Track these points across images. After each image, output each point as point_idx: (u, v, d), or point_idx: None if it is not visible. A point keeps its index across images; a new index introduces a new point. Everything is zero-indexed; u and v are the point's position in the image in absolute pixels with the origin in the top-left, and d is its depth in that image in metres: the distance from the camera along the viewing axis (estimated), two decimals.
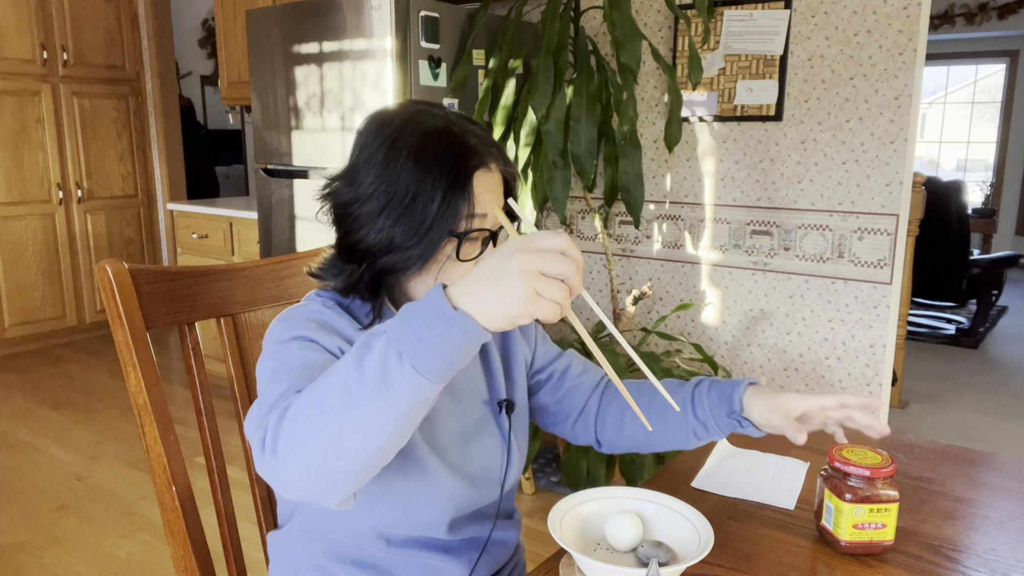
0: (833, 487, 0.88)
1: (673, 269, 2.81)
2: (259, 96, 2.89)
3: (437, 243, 0.81)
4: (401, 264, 0.83)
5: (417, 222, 0.80)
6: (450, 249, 0.83)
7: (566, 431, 1.08)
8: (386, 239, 0.82)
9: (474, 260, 0.85)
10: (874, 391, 2.44)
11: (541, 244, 0.63)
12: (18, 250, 4.18)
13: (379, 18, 2.40)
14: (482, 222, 0.83)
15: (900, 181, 2.31)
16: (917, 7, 2.20)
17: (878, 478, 0.86)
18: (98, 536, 2.37)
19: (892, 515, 0.87)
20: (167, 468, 0.94)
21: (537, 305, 0.62)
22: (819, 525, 0.92)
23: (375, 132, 0.85)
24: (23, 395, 3.63)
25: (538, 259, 0.62)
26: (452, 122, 0.84)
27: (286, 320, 0.83)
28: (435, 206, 0.80)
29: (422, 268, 0.83)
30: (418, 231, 0.81)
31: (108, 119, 4.50)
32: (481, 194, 0.83)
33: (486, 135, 0.87)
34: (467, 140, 0.83)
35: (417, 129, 0.83)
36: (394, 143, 0.82)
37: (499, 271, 0.62)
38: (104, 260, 0.93)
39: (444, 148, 0.81)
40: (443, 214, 0.80)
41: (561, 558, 0.88)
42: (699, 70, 2.29)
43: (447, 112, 0.86)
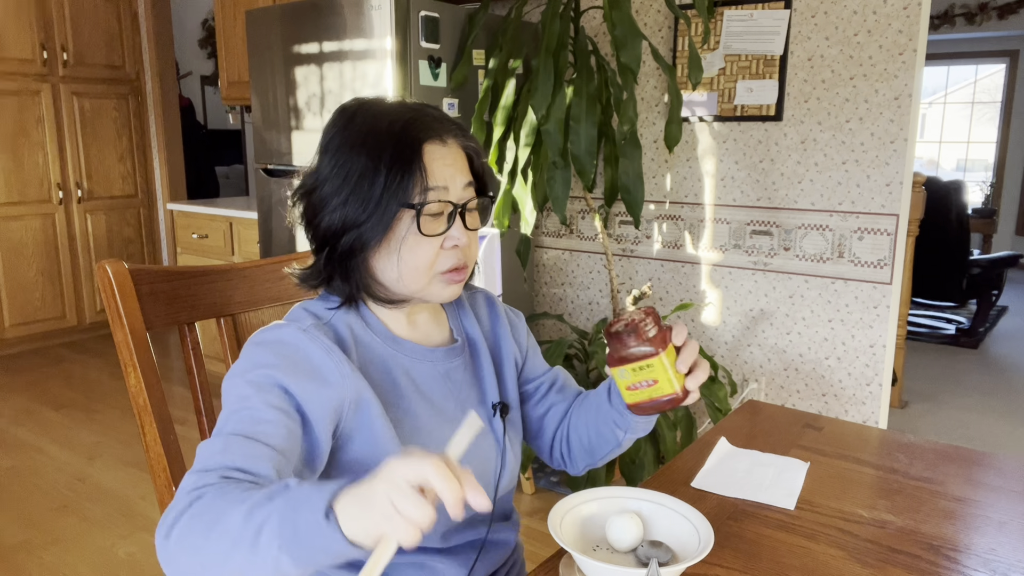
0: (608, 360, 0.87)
1: (673, 269, 2.81)
2: (259, 96, 2.89)
3: (390, 217, 0.81)
4: (358, 243, 0.83)
5: (366, 197, 0.81)
6: (409, 223, 0.83)
7: (543, 447, 1.06)
8: (340, 218, 0.83)
9: (440, 236, 0.84)
10: (874, 391, 2.44)
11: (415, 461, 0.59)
12: (18, 250, 4.18)
13: (379, 18, 2.40)
14: (443, 195, 0.83)
15: (900, 181, 2.31)
16: (917, 7, 2.20)
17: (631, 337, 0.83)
18: (98, 536, 2.38)
19: (658, 370, 0.83)
20: (167, 468, 0.95)
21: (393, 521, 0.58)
22: None
23: (333, 120, 0.86)
24: (23, 395, 3.63)
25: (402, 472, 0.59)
26: (408, 105, 0.86)
27: (261, 345, 0.82)
28: (382, 179, 0.81)
29: (380, 244, 0.83)
30: (367, 206, 0.81)
31: (108, 119, 4.50)
32: (437, 168, 0.82)
33: (444, 115, 0.87)
34: (418, 115, 0.84)
35: (370, 111, 0.85)
36: (346, 127, 0.84)
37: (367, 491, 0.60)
38: (104, 260, 0.93)
39: (390, 124, 0.82)
40: (392, 187, 0.80)
41: (561, 558, 0.88)
42: (699, 70, 2.29)
43: (407, 101, 0.88)
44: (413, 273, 0.85)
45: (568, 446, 1.03)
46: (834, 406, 2.52)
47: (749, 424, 1.30)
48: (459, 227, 0.85)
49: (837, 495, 1.04)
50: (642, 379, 0.84)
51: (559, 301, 3.14)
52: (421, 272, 0.85)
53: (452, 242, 0.85)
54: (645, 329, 0.83)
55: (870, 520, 0.97)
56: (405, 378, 0.88)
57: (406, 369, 0.89)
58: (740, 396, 2.67)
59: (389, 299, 0.88)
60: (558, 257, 3.11)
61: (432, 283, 0.86)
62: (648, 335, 0.83)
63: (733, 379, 2.62)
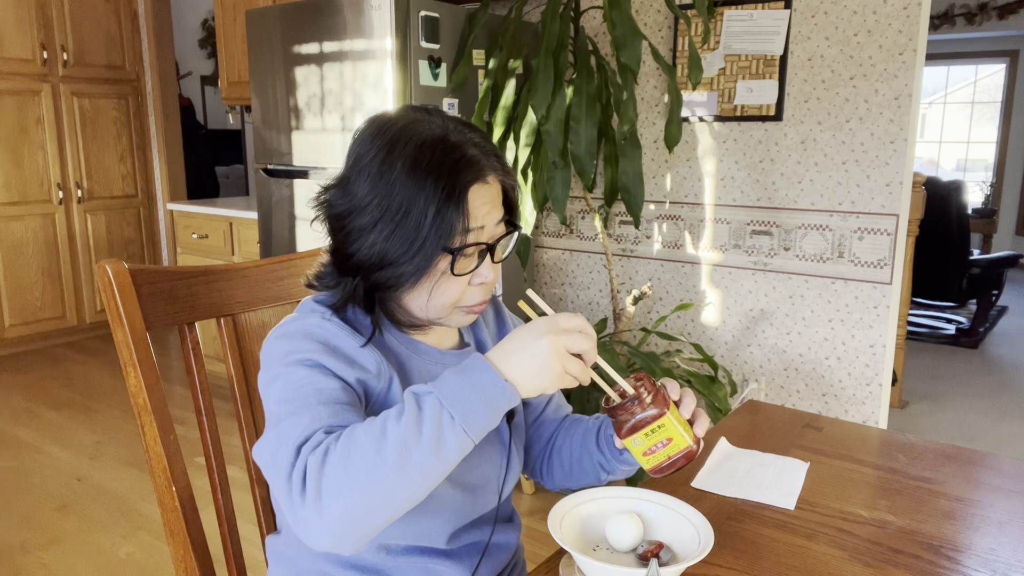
0: (616, 430, 0.88)
1: (673, 269, 2.81)
2: (259, 96, 2.89)
3: (431, 259, 0.80)
4: (394, 280, 0.82)
5: (410, 238, 0.79)
6: (444, 265, 0.81)
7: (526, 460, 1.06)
8: (379, 254, 0.80)
9: (469, 274, 0.84)
10: (874, 391, 2.44)
11: (564, 324, 0.75)
12: (18, 250, 4.18)
13: (379, 18, 2.40)
14: (478, 236, 0.82)
15: (900, 181, 2.31)
16: (917, 7, 2.20)
17: (635, 405, 0.85)
18: (98, 536, 2.37)
19: (669, 429, 0.84)
20: (167, 468, 0.94)
21: (563, 380, 0.74)
22: None
23: (370, 141, 0.82)
24: (23, 395, 3.63)
25: (565, 339, 0.73)
26: (450, 131, 0.82)
27: (287, 336, 0.81)
28: (428, 221, 0.78)
29: (416, 284, 0.82)
30: (411, 247, 0.79)
31: (108, 119, 4.50)
32: (477, 207, 0.81)
33: (486, 143, 0.84)
34: (464, 152, 0.80)
35: (413, 139, 0.80)
36: (389, 153, 0.80)
37: (535, 351, 0.73)
38: (104, 260, 0.93)
39: (439, 161, 0.79)
40: (437, 230, 0.78)
41: (561, 558, 0.88)
42: (699, 70, 2.29)
43: (446, 119, 0.84)
44: (439, 308, 0.85)
45: (549, 465, 1.04)
46: (834, 406, 2.52)
47: (749, 424, 1.30)
48: (488, 264, 0.85)
49: (837, 495, 1.04)
50: (656, 441, 0.85)
51: (559, 301, 3.14)
52: (447, 307, 0.85)
53: (480, 279, 0.85)
54: (644, 395, 0.85)
55: (870, 520, 0.97)
56: (418, 378, 0.89)
57: (421, 369, 0.89)
58: (740, 396, 2.67)
59: (409, 324, 0.88)
60: (558, 257, 3.11)
61: (453, 314, 0.86)
62: (648, 399, 0.85)
63: (733, 379, 2.62)
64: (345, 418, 0.74)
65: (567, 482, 1.03)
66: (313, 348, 0.79)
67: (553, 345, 0.72)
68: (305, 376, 0.76)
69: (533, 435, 1.06)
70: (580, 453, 0.99)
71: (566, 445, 1.01)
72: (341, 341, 0.81)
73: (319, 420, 0.73)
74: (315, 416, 0.73)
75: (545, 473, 1.05)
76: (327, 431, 0.72)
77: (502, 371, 0.72)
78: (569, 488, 1.03)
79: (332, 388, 0.76)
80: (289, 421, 0.73)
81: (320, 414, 0.73)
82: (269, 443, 0.73)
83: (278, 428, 0.74)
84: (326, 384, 0.76)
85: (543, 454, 1.05)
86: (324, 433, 0.71)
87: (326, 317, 0.82)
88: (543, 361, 0.72)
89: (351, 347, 0.81)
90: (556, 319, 0.75)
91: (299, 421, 0.73)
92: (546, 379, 0.73)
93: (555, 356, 0.72)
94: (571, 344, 0.73)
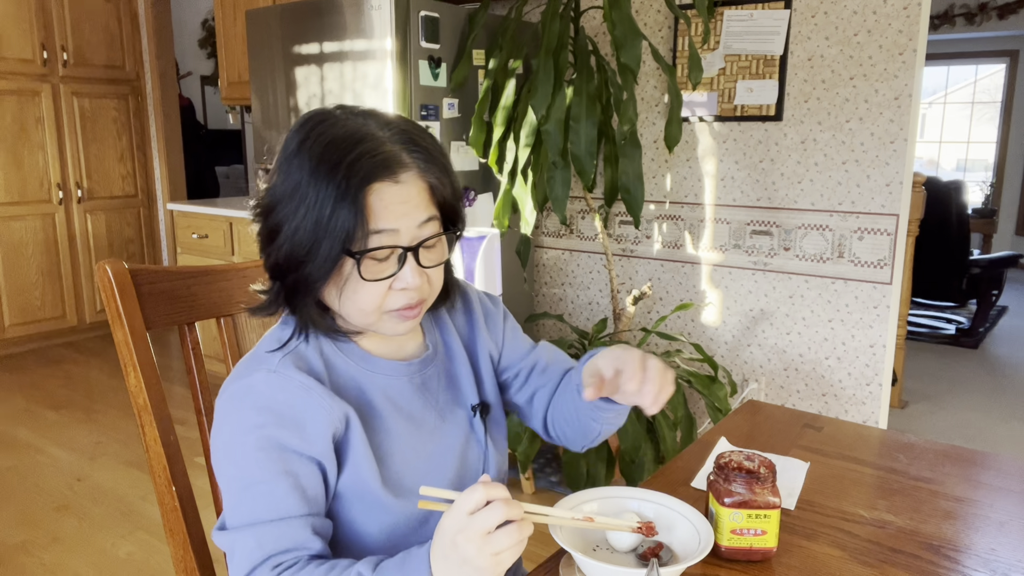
0: (715, 491, 0.87)
1: (673, 269, 2.81)
2: (259, 96, 2.89)
3: (332, 261, 0.77)
4: (303, 283, 0.79)
5: (310, 239, 0.76)
6: (352, 266, 0.78)
7: (537, 428, 1.04)
8: (286, 255, 0.78)
9: (387, 279, 0.79)
10: (874, 391, 2.44)
11: (468, 509, 0.67)
12: (18, 250, 4.18)
13: (379, 18, 2.40)
14: (392, 238, 0.78)
15: (900, 181, 2.31)
16: (917, 7, 2.20)
17: (757, 484, 0.85)
18: (98, 536, 2.37)
19: (772, 521, 0.85)
20: (167, 468, 0.95)
21: (502, 563, 0.67)
22: None
23: (289, 137, 0.80)
24: (23, 395, 3.63)
25: (477, 526, 0.66)
26: (362, 129, 0.78)
27: (238, 398, 0.79)
28: (324, 221, 0.75)
29: (325, 285, 0.80)
30: (311, 249, 0.76)
31: (108, 119, 4.50)
32: (385, 210, 0.76)
33: (410, 140, 0.79)
34: (373, 149, 0.76)
35: (322, 137, 0.77)
36: (298, 151, 0.78)
37: (457, 558, 0.67)
38: (104, 260, 0.93)
39: (338, 160, 0.75)
40: (331, 231, 0.75)
41: (561, 558, 0.88)
42: (699, 70, 2.29)
43: (371, 118, 0.80)
44: (358, 314, 0.82)
45: (559, 429, 1.01)
46: (834, 406, 2.52)
47: (749, 424, 1.30)
48: (411, 269, 0.80)
49: (837, 495, 1.04)
50: (753, 527, 0.85)
51: (559, 301, 3.14)
52: (368, 312, 0.81)
53: (402, 284, 0.80)
54: (769, 479, 0.85)
55: (870, 520, 0.97)
56: (381, 397, 0.86)
57: (382, 388, 0.87)
58: (740, 396, 2.67)
59: (343, 331, 0.86)
60: (558, 257, 3.11)
61: (382, 320, 0.83)
62: (770, 485, 0.85)
63: (733, 379, 2.62)
64: (292, 537, 0.76)
65: (584, 440, 0.99)
66: (263, 421, 0.77)
67: (469, 542, 0.66)
68: (253, 473, 0.77)
69: (534, 407, 1.02)
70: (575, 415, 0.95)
71: (562, 410, 0.98)
72: (289, 403, 0.78)
73: (264, 546, 0.75)
74: (260, 540, 0.75)
75: (562, 437, 1.01)
76: (274, 565, 0.75)
77: None
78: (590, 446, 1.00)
79: (281, 491, 0.77)
80: (239, 537, 0.77)
81: (265, 538, 0.75)
82: (227, 544, 0.78)
83: (231, 537, 0.77)
84: (275, 486, 0.77)
85: (552, 420, 1.01)
86: (271, 569, 0.74)
87: (272, 368, 0.80)
88: (470, 564, 0.66)
89: (301, 407, 0.78)
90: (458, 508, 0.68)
91: (246, 542, 0.76)
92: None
93: (478, 552, 0.66)
94: (484, 524, 0.66)
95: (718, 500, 0.86)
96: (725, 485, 0.86)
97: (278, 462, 0.77)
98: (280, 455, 0.77)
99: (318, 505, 0.80)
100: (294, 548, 0.76)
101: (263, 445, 0.77)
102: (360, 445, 0.82)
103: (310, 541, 0.77)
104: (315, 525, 0.78)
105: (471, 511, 0.67)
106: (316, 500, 0.79)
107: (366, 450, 0.82)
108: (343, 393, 0.83)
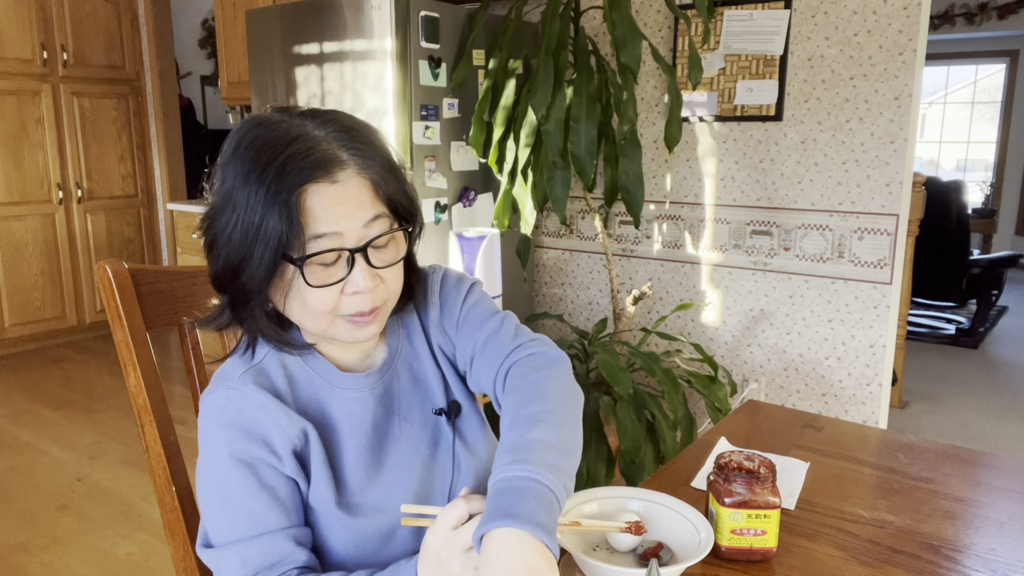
0: (715, 491, 0.87)
1: (673, 269, 2.81)
2: (259, 96, 2.89)
3: (270, 269, 0.73)
4: (242, 295, 0.76)
5: (243, 246, 0.73)
6: (293, 275, 0.75)
7: None
8: (223, 266, 0.76)
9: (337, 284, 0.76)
10: (874, 391, 2.44)
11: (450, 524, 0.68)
12: (18, 250, 4.18)
13: (379, 18, 2.40)
14: (335, 241, 0.74)
15: (900, 181, 2.31)
16: (917, 7, 2.20)
17: (757, 483, 0.85)
18: (98, 536, 2.37)
19: (772, 521, 0.85)
20: (167, 468, 0.95)
21: None
22: None
23: (224, 145, 0.78)
24: (23, 395, 3.63)
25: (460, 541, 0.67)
26: (295, 131, 0.74)
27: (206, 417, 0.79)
28: (254, 228, 0.72)
29: (266, 296, 0.77)
30: (246, 256, 0.73)
31: (108, 119, 4.50)
32: (323, 212, 0.73)
33: (348, 138, 0.76)
34: (304, 150, 0.73)
35: (255, 141, 0.74)
36: (231, 157, 0.75)
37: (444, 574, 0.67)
38: (104, 260, 0.93)
39: (267, 164, 0.72)
40: (264, 237, 0.72)
41: (561, 558, 0.88)
42: (699, 70, 2.28)
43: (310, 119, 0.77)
44: (311, 320, 0.79)
45: None
46: (834, 406, 2.52)
47: (749, 424, 1.30)
48: (362, 271, 0.76)
49: (837, 495, 1.04)
50: (753, 527, 0.85)
51: (559, 301, 3.14)
52: (320, 318, 0.78)
53: (354, 288, 0.77)
54: (770, 479, 0.85)
55: (870, 520, 0.97)
56: (343, 413, 0.84)
57: (343, 403, 0.85)
58: (740, 396, 2.67)
59: (296, 344, 0.83)
60: (558, 257, 3.11)
61: (335, 327, 0.79)
62: (770, 485, 0.85)
63: (733, 379, 2.61)
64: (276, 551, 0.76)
65: None
66: (230, 437, 0.77)
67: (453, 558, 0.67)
68: (233, 490, 0.77)
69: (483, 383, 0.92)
70: None
71: None
72: (252, 417, 0.78)
73: (248, 564, 0.75)
74: (244, 558, 0.75)
75: None
76: None
77: None
78: None
79: (259, 506, 0.77)
80: (223, 556, 0.76)
81: (249, 555, 0.76)
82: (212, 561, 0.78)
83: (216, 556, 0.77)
84: (253, 502, 0.77)
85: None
86: None
87: (232, 385, 0.79)
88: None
89: (262, 422, 0.78)
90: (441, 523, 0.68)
91: (231, 561, 0.76)
92: None
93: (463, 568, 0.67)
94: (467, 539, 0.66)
95: (718, 500, 0.86)
96: (725, 485, 0.87)
97: (252, 477, 0.77)
98: (252, 470, 0.77)
99: (298, 515, 0.80)
100: (279, 562, 0.76)
101: (235, 461, 0.77)
102: (319, 463, 0.81)
103: (294, 553, 0.77)
104: (297, 536, 0.78)
105: (453, 527, 0.67)
106: (295, 510, 0.80)
107: (324, 469, 0.81)
108: (305, 410, 0.82)
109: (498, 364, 0.87)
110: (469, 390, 0.94)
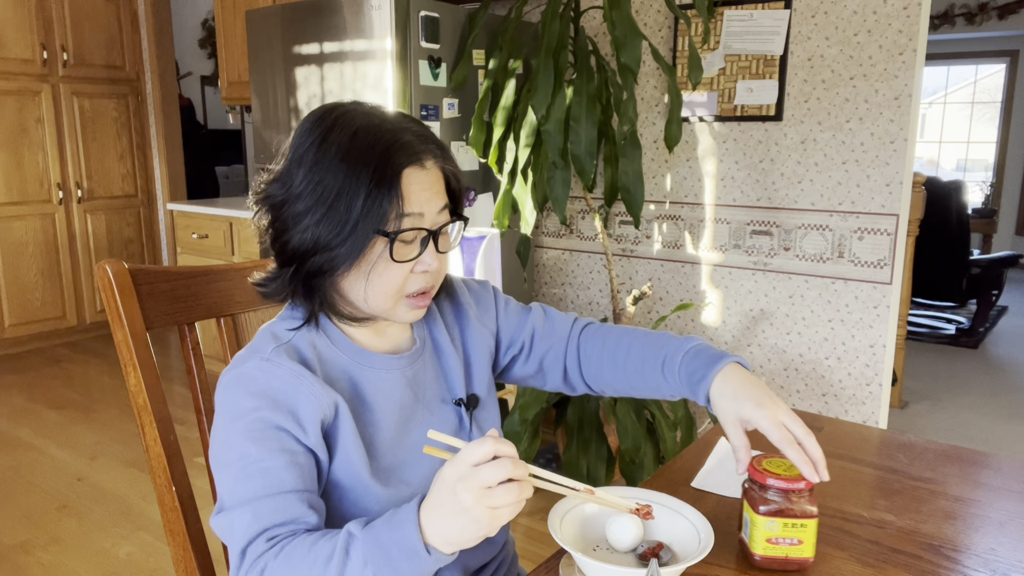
0: (750, 499, 0.85)
1: (673, 269, 2.81)
2: (259, 96, 2.89)
3: (364, 242, 0.79)
4: (328, 265, 0.81)
5: (341, 221, 0.79)
6: (381, 248, 0.81)
7: (558, 386, 1.06)
8: (311, 239, 0.80)
9: (412, 261, 0.83)
10: (874, 391, 2.44)
11: (474, 459, 0.67)
12: (18, 250, 4.18)
13: (379, 18, 2.40)
14: (418, 221, 0.81)
15: (900, 181, 2.31)
16: (917, 7, 2.20)
17: (794, 492, 0.83)
18: (98, 536, 2.37)
19: (810, 531, 0.83)
20: (167, 468, 0.95)
21: (499, 518, 0.67)
22: (740, 537, 0.90)
23: (307, 131, 0.83)
24: (23, 395, 3.63)
25: (480, 478, 0.66)
26: (386, 120, 0.82)
27: (234, 386, 0.81)
28: (359, 203, 0.78)
29: (351, 268, 0.82)
30: (342, 230, 0.79)
31: (108, 119, 4.50)
32: (413, 192, 0.80)
33: (425, 132, 0.84)
34: (398, 137, 0.81)
35: (347, 127, 0.81)
36: (323, 141, 0.81)
37: (453, 507, 0.67)
38: (104, 260, 0.93)
39: (371, 144, 0.79)
40: (368, 212, 0.78)
41: (561, 558, 0.88)
42: (699, 70, 2.28)
43: (385, 111, 0.85)
44: (380, 296, 0.84)
45: (592, 379, 1.03)
46: (834, 406, 2.52)
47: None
48: (431, 252, 0.84)
49: (837, 495, 1.04)
50: (790, 536, 0.83)
51: (559, 301, 3.14)
52: (389, 295, 0.84)
53: (423, 267, 0.84)
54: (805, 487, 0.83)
55: (870, 520, 0.97)
56: (372, 390, 0.88)
57: (373, 381, 0.88)
58: None
59: (353, 317, 0.87)
60: (558, 257, 3.12)
61: (398, 306, 0.85)
62: (809, 492, 0.84)
63: None
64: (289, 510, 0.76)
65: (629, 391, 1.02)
66: (257, 405, 0.78)
67: (468, 492, 0.66)
68: (250, 452, 0.77)
69: (545, 367, 1.04)
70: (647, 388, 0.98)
71: (618, 377, 1.00)
72: (282, 389, 0.80)
73: (260, 520, 0.75)
74: (257, 514, 0.75)
75: (591, 384, 1.04)
76: (269, 538, 0.75)
77: (427, 535, 0.69)
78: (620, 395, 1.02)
79: (277, 466, 0.77)
80: (236, 515, 0.76)
81: (262, 512, 0.75)
82: (224, 525, 0.77)
83: (229, 517, 0.77)
84: (272, 463, 0.77)
85: (572, 370, 1.03)
86: (266, 541, 0.74)
87: (265, 357, 0.81)
88: (465, 514, 0.67)
89: (292, 393, 0.80)
90: (463, 457, 0.68)
91: (243, 517, 0.75)
92: (476, 530, 0.67)
93: (475, 503, 0.66)
94: (487, 478, 0.66)
95: (753, 508, 0.84)
96: (760, 493, 0.84)
97: (274, 440, 0.78)
98: (276, 434, 0.78)
99: (314, 483, 0.81)
100: (290, 521, 0.76)
101: (258, 427, 0.78)
102: (350, 434, 0.83)
103: (307, 515, 0.77)
104: (311, 501, 0.79)
105: (476, 463, 0.67)
106: (311, 478, 0.80)
107: (356, 439, 0.83)
108: (334, 384, 0.85)
109: (567, 331, 1.04)
110: (488, 384, 1.00)
